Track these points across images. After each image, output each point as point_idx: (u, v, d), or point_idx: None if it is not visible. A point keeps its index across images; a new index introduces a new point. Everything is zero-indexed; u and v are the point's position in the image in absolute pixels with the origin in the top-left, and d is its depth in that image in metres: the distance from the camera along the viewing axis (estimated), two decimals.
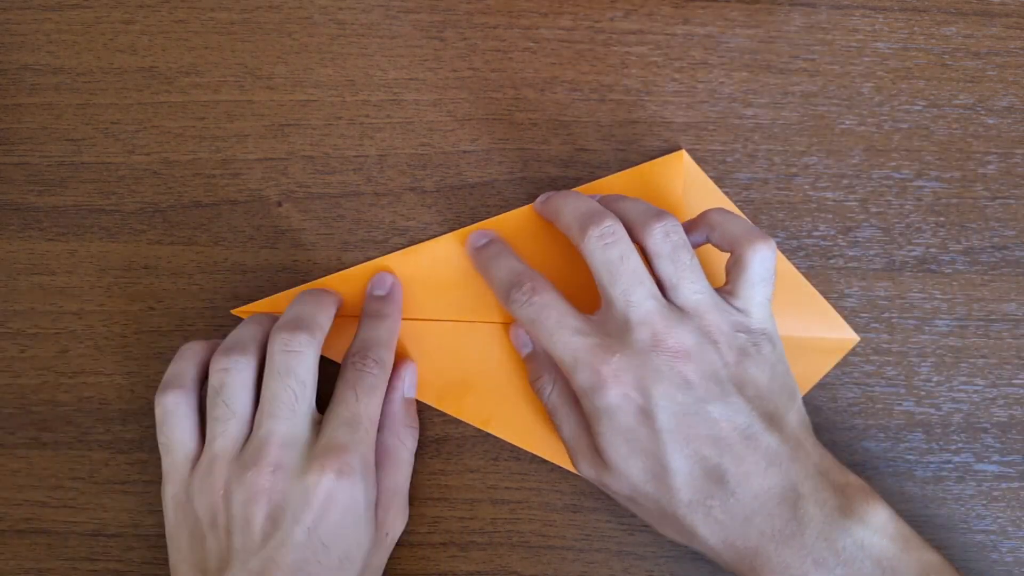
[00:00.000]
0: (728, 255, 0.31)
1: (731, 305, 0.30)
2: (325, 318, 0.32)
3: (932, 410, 0.35)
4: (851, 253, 0.36)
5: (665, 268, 0.30)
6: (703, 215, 0.32)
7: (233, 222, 0.36)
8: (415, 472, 0.35)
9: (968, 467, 0.35)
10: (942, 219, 0.36)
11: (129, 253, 0.36)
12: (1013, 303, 0.36)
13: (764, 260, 0.30)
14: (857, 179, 0.36)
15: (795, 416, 0.30)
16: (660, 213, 0.31)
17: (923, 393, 0.35)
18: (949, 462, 0.35)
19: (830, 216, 0.36)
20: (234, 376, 0.31)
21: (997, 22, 0.37)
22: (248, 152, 0.36)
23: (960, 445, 0.35)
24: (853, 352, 0.36)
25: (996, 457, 0.35)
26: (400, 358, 0.35)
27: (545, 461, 0.35)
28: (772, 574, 0.28)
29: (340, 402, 0.31)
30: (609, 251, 0.30)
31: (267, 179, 0.36)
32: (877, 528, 0.28)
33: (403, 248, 0.36)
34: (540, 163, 0.36)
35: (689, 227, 0.32)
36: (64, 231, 0.36)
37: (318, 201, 0.36)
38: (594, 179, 0.36)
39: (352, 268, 0.35)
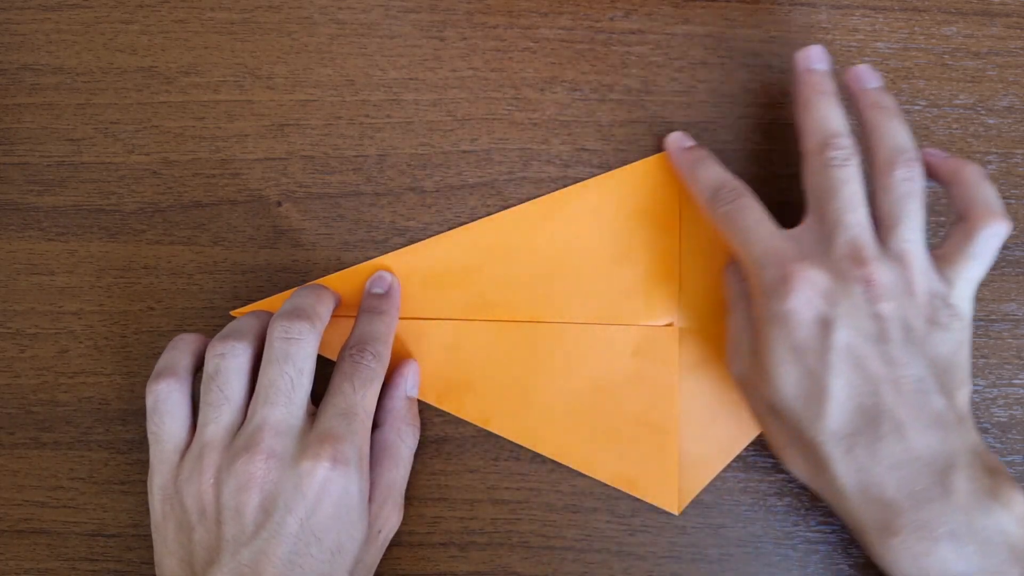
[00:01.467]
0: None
1: (938, 271, 0.29)
2: (325, 310, 0.32)
3: None
4: None
5: (889, 206, 0.29)
6: (956, 164, 0.31)
7: (233, 222, 0.36)
8: (415, 471, 0.35)
9: None
10: (942, 219, 0.36)
11: (129, 253, 0.36)
12: (1013, 303, 0.36)
13: (993, 237, 0.29)
14: None
15: (964, 395, 0.29)
16: (911, 159, 0.29)
17: None
18: None
19: None
20: (230, 361, 0.30)
21: (997, 22, 0.37)
22: (248, 152, 0.36)
23: None
24: None
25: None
26: (403, 357, 0.35)
27: (545, 461, 0.35)
28: (902, 531, 0.27)
29: (336, 393, 0.31)
30: (836, 171, 0.29)
31: (267, 179, 0.36)
32: (1021, 517, 0.27)
33: (403, 248, 0.36)
34: (540, 163, 0.36)
35: (934, 169, 0.32)
36: (64, 231, 0.36)
37: (318, 201, 0.36)
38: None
39: (352, 268, 0.35)
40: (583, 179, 0.36)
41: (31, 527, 0.35)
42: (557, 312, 0.35)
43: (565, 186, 0.36)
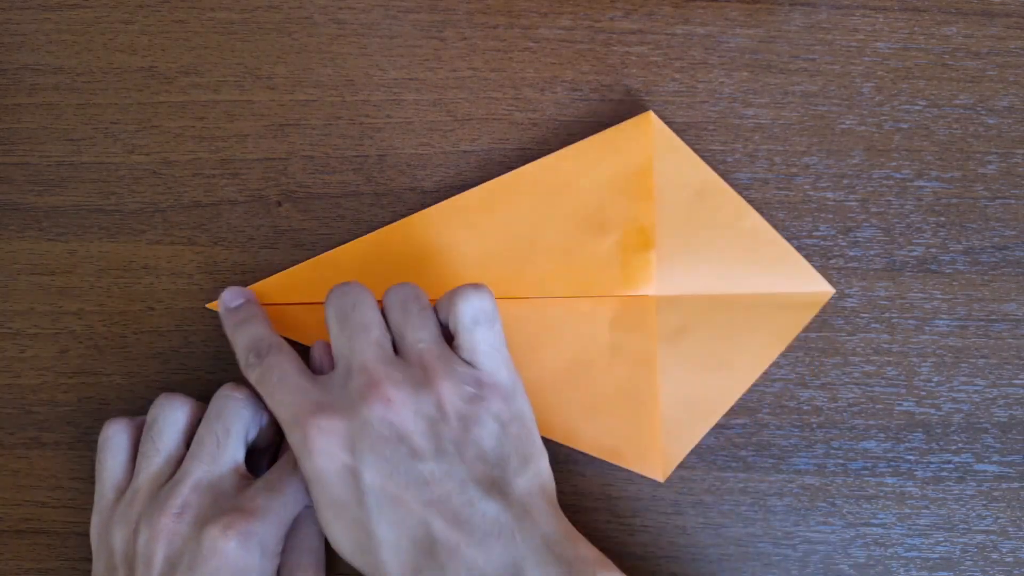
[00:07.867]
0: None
1: (459, 356, 0.29)
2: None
3: (932, 410, 0.35)
4: (851, 253, 0.36)
5: (393, 318, 0.30)
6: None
7: (233, 222, 0.36)
8: None
9: (968, 467, 0.35)
10: (942, 219, 0.36)
11: (129, 253, 0.36)
12: (1013, 303, 0.36)
13: (471, 300, 0.29)
14: (857, 179, 0.36)
15: (526, 481, 0.28)
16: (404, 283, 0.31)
17: (923, 393, 0.35)
18: (949, 462, 0.35)
19: (830, 216, 0.36)
20: (166, 413, 0.31)
21: (997, 22, 0.37)
22: (248, 152, 0.36)
23: (960, 445, 0.35)
24: (853, 352, 0.36)
25: (996, 457, 0.35)
26: None
27: None
28: None
29: (278, 464, 0.31)
30: (343, 299, 0.30)
31: (267, 179, 0.36)
32: None
33: (377, 229, 0.36)
34: None
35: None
36: (64, 231, 0.36)
37: (318, 201, 0.36)
38: None
39: (340, 248, 0.35)
40: None
41: (31, 527, 0.35)
42: (533, 287, 0.35)
43: None
